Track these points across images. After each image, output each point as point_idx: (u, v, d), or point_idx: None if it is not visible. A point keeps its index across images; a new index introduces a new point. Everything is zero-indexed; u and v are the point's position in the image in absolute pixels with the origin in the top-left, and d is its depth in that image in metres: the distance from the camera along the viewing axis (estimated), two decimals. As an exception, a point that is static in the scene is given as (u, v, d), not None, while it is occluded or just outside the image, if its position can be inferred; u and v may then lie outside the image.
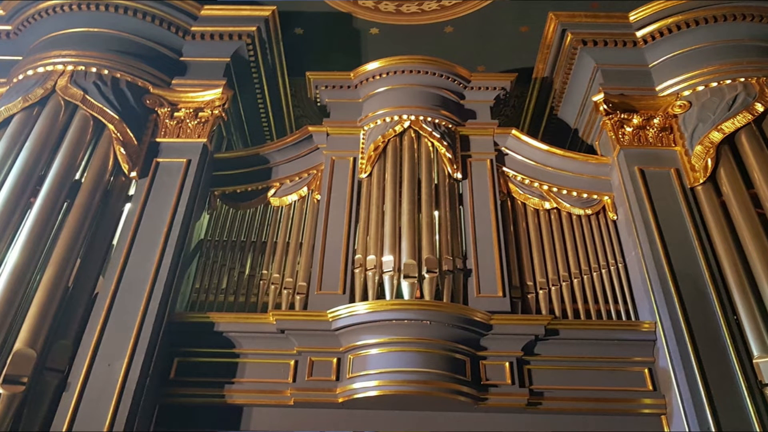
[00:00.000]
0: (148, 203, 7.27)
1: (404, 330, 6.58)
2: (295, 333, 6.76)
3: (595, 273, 7.54)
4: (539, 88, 10.05)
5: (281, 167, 8.45)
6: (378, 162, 8.23)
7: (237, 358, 6.76)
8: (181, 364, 6.74)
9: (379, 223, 7.60)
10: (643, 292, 7.05)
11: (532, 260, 7.65)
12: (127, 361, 6.09)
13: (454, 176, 8.13)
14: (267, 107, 9.84)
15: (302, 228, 7.94)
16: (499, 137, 8.57)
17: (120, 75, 7.99)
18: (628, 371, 6.75)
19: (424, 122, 8.41)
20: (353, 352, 6.67)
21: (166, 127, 7.99)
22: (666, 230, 7.14)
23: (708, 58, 8.30)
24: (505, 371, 6.65)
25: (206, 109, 8.12)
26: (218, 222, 8.11)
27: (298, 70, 9.79)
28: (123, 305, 6.46)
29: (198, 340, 6.82)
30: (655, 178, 7.62)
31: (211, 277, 7.51)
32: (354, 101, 8.98)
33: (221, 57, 8.72)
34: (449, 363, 6.51)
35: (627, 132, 8.07)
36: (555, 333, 6.84)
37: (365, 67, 8.95)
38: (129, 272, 6.70)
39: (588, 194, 8.17)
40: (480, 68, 10.21)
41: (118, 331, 6.27)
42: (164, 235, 7.00)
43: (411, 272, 6.97)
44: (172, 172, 7.56)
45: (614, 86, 8.39)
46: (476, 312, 6.70)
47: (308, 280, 7.31)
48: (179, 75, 8.51)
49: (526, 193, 8.21)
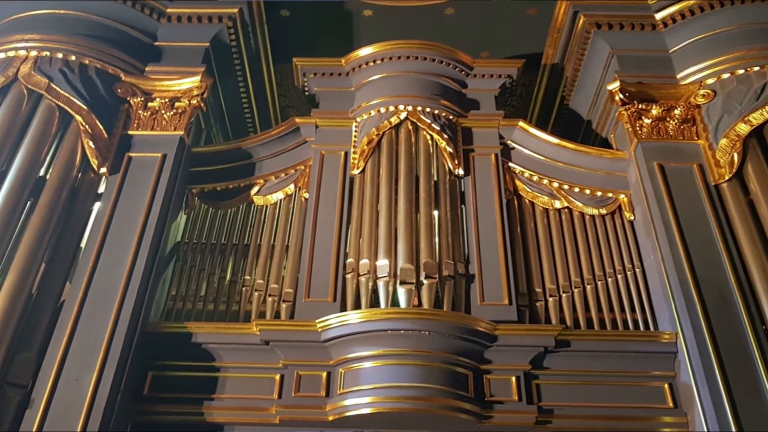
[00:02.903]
0: (120, 202, 7.34)
1: (401, 341, 6.64)
2: (280, 344, 6.82)
3: (610, 279, 7.60)
4: (549, 76, 10.18)
5: (265, 163, 8.50)
6: (372, 157, 8.31)
7: (217, 372, 6.82)
8: (155, 379, 6.79)
9: (373, 223, 7.66)
10: (663, 300, 7.12)
11: (541, 265, 7.71)
12: (97, 376, 6.13)
13: (455, 172, 8.20)
14: (250, 97, 9.95)
15: (289, 229, 8.01)
16: (505, 130, 8.64)
17: (89, 61, 8.06)
18: (646, 386, 6.81)
19: (423, 113, 8.47)
20: (345, 366, 6.72)
21: (140, 119, 8.06)
22: (688, 231, 7.20)
23: (734, 43, 8.36)
24: (511, 386, 6.70)
25: (183, 99, 8.18)
26: (196, 223, 8.17)
27: (285, 56, 9.80)
28: (92, 314, 6.51)
29: (174, 352, 6.88)
30: (676, 174, 7.68)
31: (189, 283, 7.57)
32: (345, 90, 9.04)
33: (200, 41, 8.80)
34: (450, 377, 6.57)
35: (645, 124, 8.15)
36: (566, 344, 6.90)
37: (358, 52, 9.02)
38: (98, 278, 6.76)
39: (602, 192, 8.22)
40: (484, 54, 10.28)
41: (87, 343, 6.32)
42: (137, 237, 7.06)
43: (408, 278, 7.03)
44: (146, 168, 7.62)
45: (631, 74, 8.49)
46: (480, 321, 6.78)
47: (295, 286, 7.35)
48: (154, 61, 8.59)
49: (535, 190, 8.27)
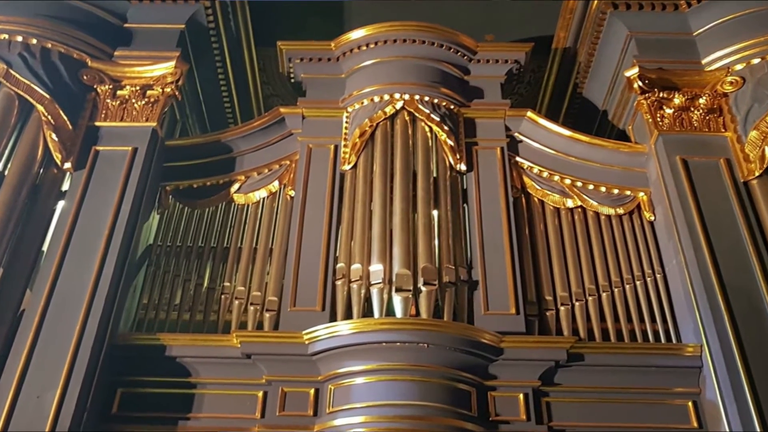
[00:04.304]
0: (86, 200, 7.28)
1: (396, 355, 6.58)
2: (263, 358, 6.76)
3: (627, 285, 7.54)
4: (560, 62, 10.10)
5: (247, 157, 8.44)
6: (365, 150, 8.25)
7: (193, 388, 6.76)
8: (125, 396, 6.73)
9: (365, 224, 7.60)
10: (687, 309, 7.06)
11: (552, 270, 7.66)
12: (60, 393, 6.06)
13: (456, 168, 8.15)
14: (230, 85, 9.89)
15: (272, 231, 7.96)
16: (512, 120, 8.59)
17: (51, 45, 7.96)
18: (668, 404, 6.77)
19: (421, 102, 8.41)
20: (334, 382, 6.66)
21: (108, 109, 7.99)
22: (714, 233, 7.13)
23: (765, 25, 8.27)
24: (518, 404, 6.64)
25: (156, 87, 8.12)
26: (171, 223, 8.11)
27: (268, 40, 9.71)
28: (55, 325, 6.44)
29: (146, 366, 6.82)
30: (701, 169, 7.62)
31: (162, 290, 7.51)
32: (335, 77, 8.97)
33: (174, 23, 8.73)
34: (451, 395, 6.52)
35: (667, 114, 8.08)
36: (579, 358, 6.84)
37: (349, 35, 8.94)
38: (62, 285, 6.70)
39: (619, 190, 8.16)
40: (488, 37, 10.14)
41: (49, 356, 6.25)
42: (105, 240, 6.99)
43: (404, 285, 6.96)
44: (115, 163, 7.56)
45: (651, 59, 8.40)
46: (484, 333, 6.71)
47: (279, 294, 7.30)
48: (123, 45, 8.51)
49: (545, 188, 8.22)
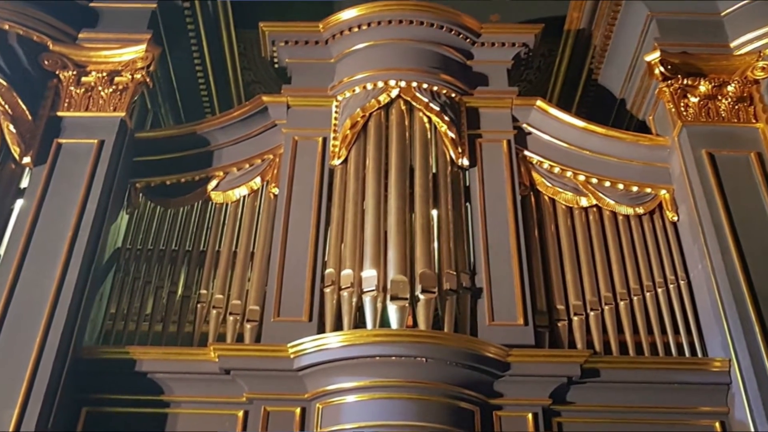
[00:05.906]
0: (47, 199, 7.26)
1: (392, 370, 6.55)
2: (244, 374, 6.73)
3: (648, 293, 7.50)
4: (573, 45, 10.11)
5: (226, 151, 8.42)
6: (356, 144, 8.22)
7: (166, 407, 6.74)
8: (90, 416, 6.70)
9: (357, 226, 7.56)
10: (714, 319, 7.03)
11: (564, 276, 7.63)
12: (19, 412, 6.04)
13: (458, 163, 8.12)
14: (206, 70, 9.89)
15: (254, 233, 7.94)
16: (520, 110, 8.56)
17: (8, 27, 7.90)
18: (693, 425, 6.76)
19: (419, 90, 8.36)
20: (323, 400, 6.62)
21: (71, 97, 7.98)
22: (744, 235, 7.13)
23: (801, 4, 8.27)
24: (527, 425, 6.62)
25: (125, 73, 8.11)
26: (141, 224, 8.08)
27: (249, 21, 9.73)
28: (13, 337, 6.42)
29: (114, 383, 6.78)
30: (730, 164, 7.62)
31: (132, 298, 7.46)
32: (324, 62, 8.95)
33: (145, 2, 8.71)
34: (452, 414, 6.49)
35: (691, 103, 8.06)
36: (595, 374, 6.81)
37: (339, 15, 8.90)
38: (20, 292, 6.67)
39: (639, 187, 8.14)
40: (494, 17, 10.23)
41: (7, 372, 6.23)
42: (68, 242, 6.96)
43: (401, 292, 6.92)
44: (79, 158, 7.54)
45: (674, 42, 8.40)
46: (488, 346, 6.67)
47: (262, 303, 7.27)
48: (89, 27, 8.49)
49: (556, 185, 8.19)
